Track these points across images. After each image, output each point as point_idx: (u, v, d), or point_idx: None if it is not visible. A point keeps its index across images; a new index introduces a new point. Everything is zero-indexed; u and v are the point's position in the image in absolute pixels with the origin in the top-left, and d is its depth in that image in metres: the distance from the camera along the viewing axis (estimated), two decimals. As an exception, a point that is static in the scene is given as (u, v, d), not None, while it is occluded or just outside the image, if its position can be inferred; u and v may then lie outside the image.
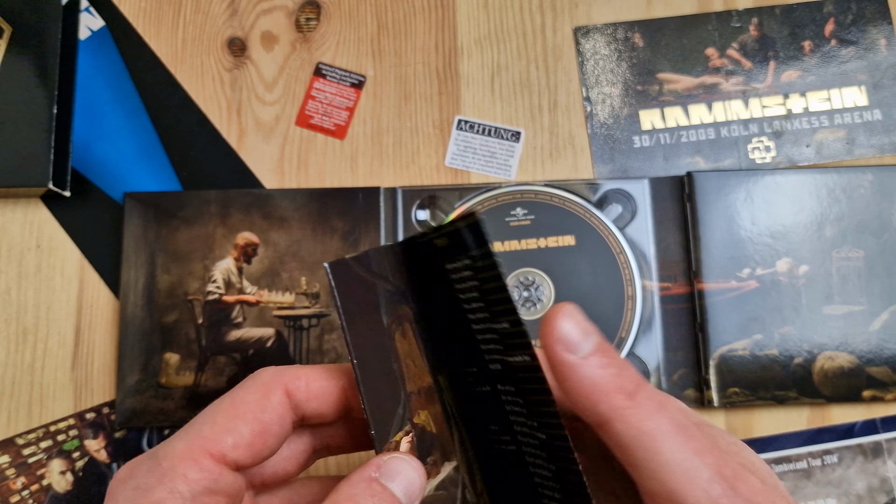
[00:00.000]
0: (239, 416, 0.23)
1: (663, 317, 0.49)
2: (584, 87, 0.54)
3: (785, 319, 0.49)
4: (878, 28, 0.54)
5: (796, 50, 0.54)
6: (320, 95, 0.53)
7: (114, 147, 0.52)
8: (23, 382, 0.49)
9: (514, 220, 0.50)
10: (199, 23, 0.54)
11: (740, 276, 0.49)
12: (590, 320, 0.24)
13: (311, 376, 0.25)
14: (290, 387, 0.24)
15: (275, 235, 0.50)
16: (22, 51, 0.50)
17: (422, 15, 0.55)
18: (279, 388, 0.24)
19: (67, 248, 0.51)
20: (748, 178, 0.50)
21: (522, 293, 0.49)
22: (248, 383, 0.24)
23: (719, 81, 0.54)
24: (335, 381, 0.25)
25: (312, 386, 0.25)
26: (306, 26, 0.55)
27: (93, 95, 0.53)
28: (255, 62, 0.54)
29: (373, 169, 0.52)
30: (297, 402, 0.24)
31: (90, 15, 0.54)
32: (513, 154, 0.53)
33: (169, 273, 0.49)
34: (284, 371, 0.25)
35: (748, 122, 0.53)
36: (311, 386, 0.24)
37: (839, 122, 0.53)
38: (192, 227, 0.50)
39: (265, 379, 0.24)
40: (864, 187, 0.50)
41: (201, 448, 0.22)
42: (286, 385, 0.24)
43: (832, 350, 0.48)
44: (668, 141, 0.53)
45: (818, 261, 0.49)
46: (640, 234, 0.50)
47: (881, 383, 0.48)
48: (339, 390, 0.25)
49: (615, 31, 0.55)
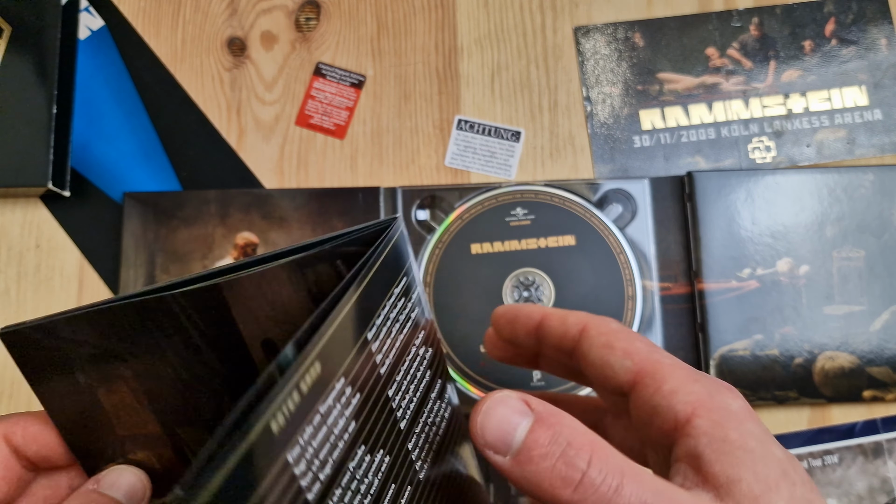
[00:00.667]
0: None
1: (664, 317, 0.49)
2: (584, 87, 0.54)
3: (785, 319, 0.48)
4: (879, 28, 0.54)
5: (797, 49, 0.54)
6: (320, 95, 0.53)
7: (113, 147, 0.52)
8: (23, 382, 0.49)
9: (514, 219, 0.50)
10: (198, 22, 0.54)
11: (741, 276, 0.49)
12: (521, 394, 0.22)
13: (29, 421, 0.25)
14: (8, 432, 0.25)
15: (274, 235, 0.50)
16: (21, 50, 0.50)
17: (422, 14, 0.55)
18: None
19: (67, 248, 0.51)
20: (748, 177, 0.50)
21: (523, 293, 0.49)
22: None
23: (720, 81, 0.54)
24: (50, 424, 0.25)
25: (29, 430, 0.25)
26: (306, 26, 0.55)
27: (92, 95, 0.53)
28: (254, 62, 0.54)
29: (373, 169, 0.52)
30: (17, 446, 0.25)
31: (90, 15, 0.54)
32: (513, 154, 0.53)
33: (168, 273, 0.49)
34: (7, 417, 0.25)
35: (748, 121, 0.53)
36: (27, 430, 0.25)
37: (840, 121, 0.53)
38: (191, 227, 0.50)
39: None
40: (865, 187, 0.50)
41: None
42: (4, 432, 0.25)
43: (833, 350, 0.48)
44: (669, 141, 0.53)
45: (819, 261, 0.49)
46: (640, 234, 0.50)
47: (882, 383, 0.48)
48: (56, 433, 0.25)
49: (615, 30, 0.55)
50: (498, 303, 0.49)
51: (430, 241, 0.50)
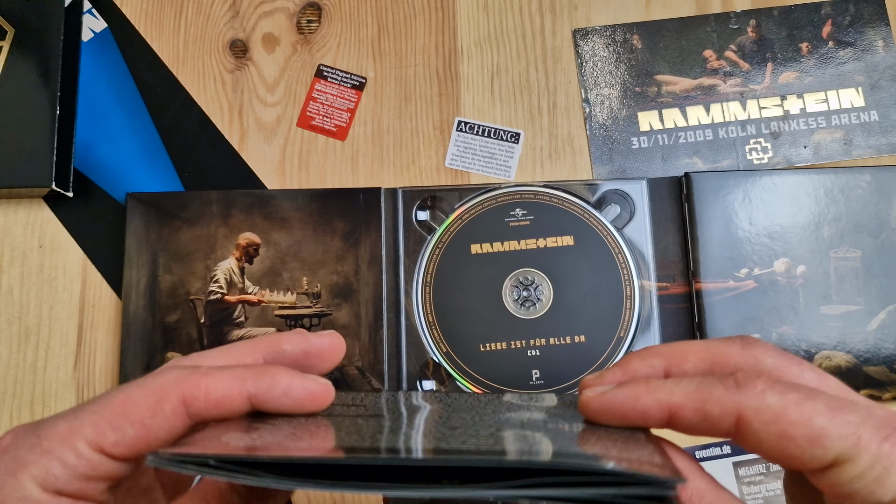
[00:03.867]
0: (127, 415, 0.23)
1: (661, 316, 0.50)
2: (582, 89, 0.54)
3: (783, 319, 0.49)
4: (876, 29, 0.55)
5: (794, 51, 0.55)
6: (321, 97, 0.54)
7: (116, 148, 0.53)
8: (25, 382, 0.49)
9: (513, 220, 0.50)
10: (200, 24, 0.55)
11: (738, 276, 0.49)
12: None
13: (213, 385, 0.23)
14: (188, 396, 0.23)
15: (276, 236, 0.50)
16: (25, 52, 0.50)
17: (422, 17, 0.55)
18: (176, 395, 0.23)
19: (70, 248, 0.51)
20: (746, 178, 0.50)
21: (522, 293, 0.50)
22: (148, 382, 0.23)
23: (717, 83, 0.54)
24: (239, 386, 0.23)
25: (212, 396, 0.23)
26: (307, 28, 0.55)
27: (95, 97, 0.53)
28: (256, 64, 0.54)
29: (373, 170, 0.53)
30: (196, 410, 0.23)
31: (92, 17, 0.54)
32: (512, 155, 0.53)
33: (171, 273, 0.50)
34: (186, 378, 0.23)
35: (746, 123, 0.54)
36: (210, 396, 0.23)
37: (836, 123, 0.53)
38: (193, 228, 0.50)
39: (164, 383, 0.23)
40: (862, 188, 0.51)
41: (82, 436, 0.22)
42: (184, 394, 0.23)
43: (830, 350, 0.49)
44: (667, 142, 0.53)
45: (816, 261, 0.50)
46: (638, 235, 0.50)
47: (879, 382, 0.48)
48: (243, 398, 0.23)
49: (614, 32, 0.55)
50: (498, 302, 0.49)
51: (430, 241, 0.50)
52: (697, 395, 0.21)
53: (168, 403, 0.23)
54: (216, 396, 0.23)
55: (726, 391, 0.21)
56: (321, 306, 0.50)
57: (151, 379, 0.23)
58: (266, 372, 0.23)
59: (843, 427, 0.20)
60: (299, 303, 0.50)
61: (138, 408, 0.23)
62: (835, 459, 0.20)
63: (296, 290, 0.50)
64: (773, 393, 0.20)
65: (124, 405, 0.23)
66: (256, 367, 0.24)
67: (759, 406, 0.20)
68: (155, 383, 0.23)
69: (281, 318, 0.49)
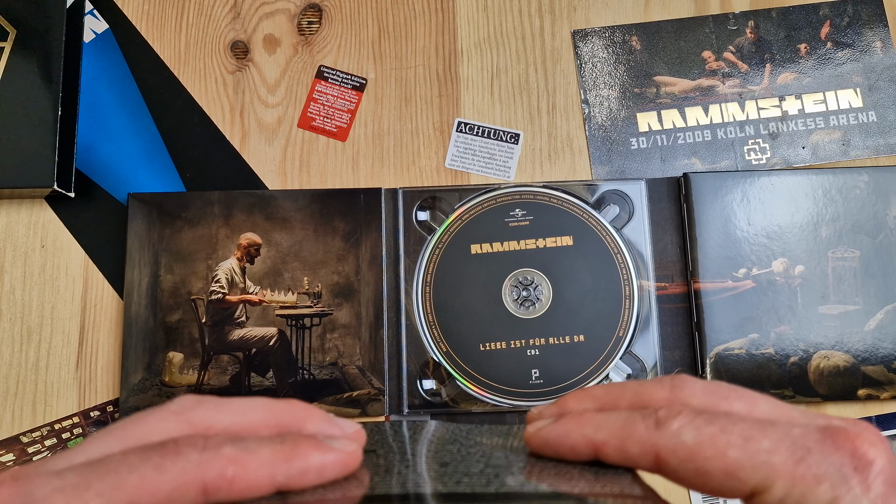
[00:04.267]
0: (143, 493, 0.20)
1: (660, 316, 0.50)
2: (582, 90, 0.54)
3: (781, 319, 0.49)
4: (874, 30, 0.55)
5: (792, 52, 0.55)
6: (322, 98, 0.54)
7: (117, 148, 0.53)
8: (27, 381, 0.49)
9: (512, 220, 0.51)
10: (201, 26, 0.55)
11: (736, 275, 0.50)
12: None
13: (240, 474, 0.21)
14: (211, 486, 0.21)
15: (277, 236, 0.51)
16: (27, 53, 0.51)
17: (422, 18, 0.55)
18: (197, 485, 0.20)
19: (72, 249, 0.51)
20: (744, 179, 0.51)
21: (521, 293, 0.50)
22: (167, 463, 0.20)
23: (716, 84, 0.54)
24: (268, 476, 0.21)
25: (238, 486, 0.21)
26: (308, 29, 0.55)
27: (97, 97, 0.54)
28: (257, 65, 0.55)
29: (374, 170, 0.53)
30: (215, 498, 0.21)
31: (94, 18, 0.55)
32: (512, 156, 0.53)
33: (172, 273, 0.50)
34: (211, 463, 0.21)
35: (744, 123, 0.54)
36: (235, 486, 0.21)
37: (835, 123, 0.54)
38: (195, 228, 0.51)
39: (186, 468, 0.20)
40: (860, 188, 0.51)
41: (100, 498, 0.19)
42: (206, 484, 0.20)
43: (828, 349, 0.49)
44: (665, 143, 0.54)
45: (814, 261, 0.50)
46: (637, 235, 0.51)
47: (876, 382, 0.49)
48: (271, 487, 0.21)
49: (613, 34, 0.55)
50: (497, 302, 0.50)
51: (430, 241, 0.51)
52: (620, 432, 0.22)
53: (189, 493, 0.20)
54: (242, 487, 0.21)
55: (646, 430, 0.21)
56: (322, 306, 0.50)
57: (171, 458, 0.21)
58: (296, 454, 0.21)
59: (756, 456, 0.20)
60: (300, 302, 0.50)
61: (154, 498, 0.20)
62: (753, 490, 0.20)
63: (297, 290, 0.50)
64: (689, 429, 0.21)
65: (138, 491, 0.20)
66: (285, 446, 0.21)
67: (675, 445, 0.21)
68: (176, 467, 0.20)
69: (282, 318, 0.50)
